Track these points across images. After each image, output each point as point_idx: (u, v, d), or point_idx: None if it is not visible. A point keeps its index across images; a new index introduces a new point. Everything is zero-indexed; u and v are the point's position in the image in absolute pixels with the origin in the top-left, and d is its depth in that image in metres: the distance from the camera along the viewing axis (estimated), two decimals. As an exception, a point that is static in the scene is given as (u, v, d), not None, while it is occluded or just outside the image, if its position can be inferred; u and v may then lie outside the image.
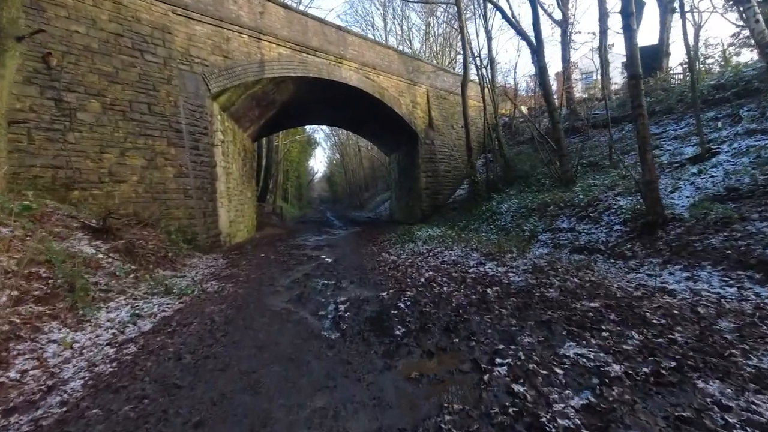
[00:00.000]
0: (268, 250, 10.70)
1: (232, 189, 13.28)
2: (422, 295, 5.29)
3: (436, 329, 3.97)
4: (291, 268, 7.90)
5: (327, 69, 14.23)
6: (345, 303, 5.07)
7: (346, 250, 10.29)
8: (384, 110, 17.37)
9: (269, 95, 13.86)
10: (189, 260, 8.51)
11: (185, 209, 9.75)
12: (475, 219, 12.59)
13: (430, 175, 18.98)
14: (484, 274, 6.32)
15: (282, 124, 19.68)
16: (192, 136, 10.12)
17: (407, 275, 6.61)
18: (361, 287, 6.04)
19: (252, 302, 5.24)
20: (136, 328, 4.13)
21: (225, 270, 7.72)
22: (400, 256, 8.57)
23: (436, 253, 8.47)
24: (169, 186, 9.50)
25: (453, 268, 7.00)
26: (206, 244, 10.22)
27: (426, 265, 7.33)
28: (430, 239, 10.11)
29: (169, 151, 9.55)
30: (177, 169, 9.66)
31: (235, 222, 13.49)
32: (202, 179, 10.37)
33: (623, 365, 2.91)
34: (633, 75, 6.27)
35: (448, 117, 20.37)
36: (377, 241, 11.63)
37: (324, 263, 8.39)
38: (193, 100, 10.24)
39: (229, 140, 13.20)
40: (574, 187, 10.25)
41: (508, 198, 12.55)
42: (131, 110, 8.97)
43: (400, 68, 17.64)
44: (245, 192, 15.78)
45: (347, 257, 9.06)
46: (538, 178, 13.49)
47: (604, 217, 7.88)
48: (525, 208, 10.70)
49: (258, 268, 7.90)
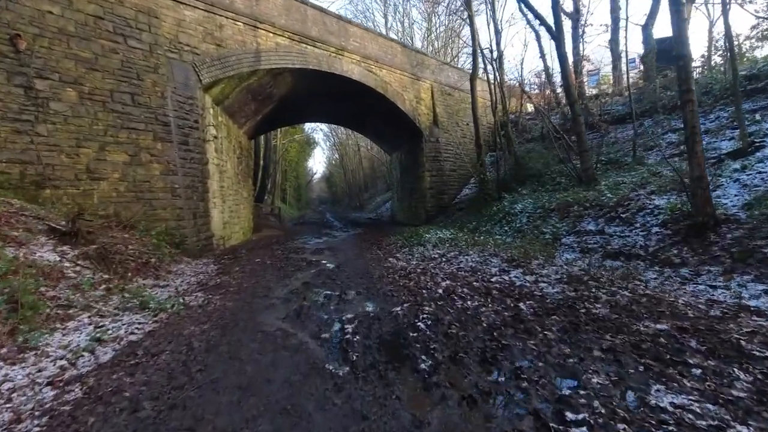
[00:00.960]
0: (264, 254, 9.86)
1: (227, 188, 12.45)
2: (443, 311, 4.46)
3: (470, 360, 3.14)
4: (289, 276, 7.06)
5: (327, 61, 13.40)
6: (352, 321, 4.23)
7: (348, 255, 9.45)
8: (387, 106, 16.54)
9: (266, 88, 13.02)
10: (175, 266, 7.66)
11: (173, 210, 8.91)
12: (486, 220, 11.76)
13: (434, 175, 18.15)
14: (510, 284, 5.49)
15: (280, 121, 18.83)
16: (181, 131, 9.28)
17: (421, 285, 5.77)
18: (369, 300, 5.20)
19: (242, 320, 4.39)
20: (92, 359, 3.28)
21: (215, 278, 6.87)
22: (409, 262, 7.73)
23: (450, 259, 7.64)
24: (155, 184, 8.66)
25: (472, 276, 6.17)
26: (196, 248, 9.37)
27: (441, 273, 6.49)
28: (441, 242, 9.28)
29: (156, 146, 8.71)
30: (164, 166, 8.81)
31: (230, 223, 12.65)
32: (192, 177, 9.52)
33: (750, 426, 2.08)
34: (681, 54, 5.47)
35: (453, 114, 19.56)
36: (382, 244, 10.79)
37: (325, 270, 7.56)
38: (182, 91, 9.40)
39: (223, 136, 12.37)
40: (597, 185, 9.43)
41: (521, 198, 11.73)
42: (112, 100, 8.12)
43: (403, 62, 16.82)
44: (241, 192, 14.93)
45: (351, 263, 8.22)
46: (552, 176, 12.68)
47: (638, 219, 7.05)
48: (542, 209, 9.87)
49: (252, 276, 7.06)
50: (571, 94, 9.49)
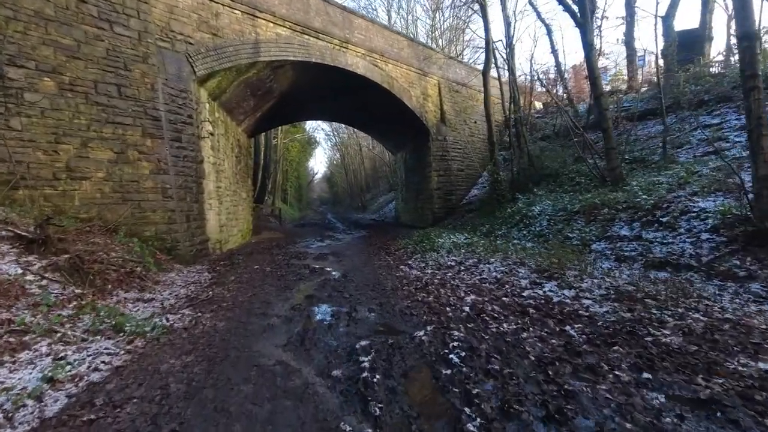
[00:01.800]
0: (263, 260, 9.12)
1: (224, 189, 11.71)
2: (476, 337, 3.70)
3: (529, 416, 2.39)
4: (290, 287, 6.31)
5: (331, 54, 12.66)
6: (368, 351, 3.47)
7: (355, 261, 8.70)
8: (392, 103, 15.79)
9: (266, 83, 12.28)
10: (165, 275, 6.91)
11: (163, 212, 8.16)
12: (500, 223, 11.00)
13: (442, 174, 17.39)
14: (547, 301, 4.73)
15: (280, 118, 18.08)
16: (173, 126, 8.54)
17: (443, 300, 5.02)
18: (384, 319, 4.45)
19: (234, 348, 3.64)
20: (36, 410, 2.53)
21: (207, 289, 6.12)
22: (424, 271, 6.98)
23: (470, 267, 6.88)
24: (144, 184, 7.91)
25: (500, 289, 5.41)
26: (189, 253, 8.63)
27: (463, 285, 5.73)
28: (456, 248, 8.53)
29: (144, 143, 7.97)
30: (154, 165, 8.07)
31: (227, 226, 11.91)
32: (185, 177, 8.78)
33: None
34: (745, 34, 4.71)
35: (461, 111, 18.81)
36: (390, 249, 10.04)
37: (330, 279, 6.80)
38: (174, 83, 8.66)
39: (220, 133, 11.63)
40: (626, 186, 8.66)
41: (538, 199, 10.97)
42: (96, 92, 7.38)
43: (410, 57, 16.07)
44: (239, 192, 14.19)
45: (358, 271, 7.47)
46: (569, 176, 11.91)
47: (681, 223, 6.29)
48: (564, 211, 9.11)
49: (249, 287, 6.31)
50: (598, 86, 8.72)
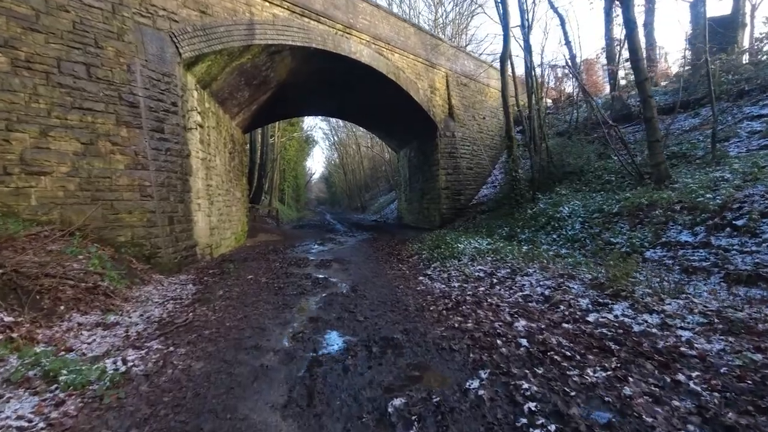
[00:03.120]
0: (258, 268, 7.99)
1: (215, 187, 10.56)
2: (557, 392, 2.59)
3: None
4: (289, 304, 5.19)
5: (333, 40, 11.54)
6: (407, 417, 2.36)
7: (363, 270, 7.58)
8: (398, 96, 14.68)
9: (261, 71, 11.15)
10: (139, 289, 5.78)
11: (141, 213, 7.02)
12: (522, 225, 9.90)
13: (450, 173, 16.30)
14: (626, 331, 3.62)
15: (278, 113, 16.92)
16: (154, 114, 7.40)
17: (486, 326, 3.91)
18: (417, 356, 3.34)
19: (210, 413, 2.52)
20: None
21: (188, 309, 4.99)
22: (450, 284, 5.86)
23: (503, 280, 5.77)
24: (118, 181, 6.77)
25: (554, 311, 4.31)
26: (173, 261, 7.50)
27: (504, 305, 4.62)
28: (480, 255, 7.42)
29: (119, 133, 6.83)
30: (130, 158, 6.93)
31: (219, 228, 10.77)
32: (168, 173, 7.64)
33: None
34: None
35: (469, 106, 17.74)
36: (402, 256, 8.92)
37: (338, 294, 5.68)
38: (156, 66, 7.52)
39: (211, 126, 10.49)
40: (673, 184, 7.59)
41: (564, 199, 9.88)
42: (60, 72, 6.24)
43: (417, 46, 14.98)
44: (233, 191, 13.05)
45: (370, 283, 6.35)
46: (596, 174, 10.84)
47: (764, 227, 5.21)
48: (600, 213, 8.03)
49: (239, 304, 5.19)
50: (641, 70, 7.60)
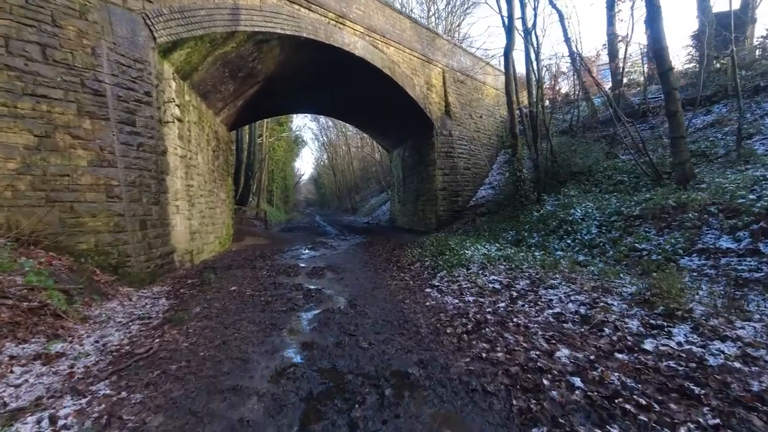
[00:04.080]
0: (243, 278, 7.16)
1: (197, 188, 9.67)
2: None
3: None
4: (278, 325, 4.39)
5: (325, 30, 10.76)
6: None
7: (361, 279, 6.80)
8: (393, 93, 13.96)
9: (248, 62, 10.30)
10: (101, 307, 4.91)
11: (107, 217, 6.14)
12: (528, 229, 9.23)
13: (447, 173, 15.62)
14: (700, 365, 2.92)
15: (266, 109, 16.02)
16: (123, 105, 6.52)
17: (519, 356, 3.18)
18: (443, 403, 2.59)
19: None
20: None
21: (155, 333, 4.15)
22: (463, 297, 5.12)
23: (524, 293, 5.05)
24: (80, 180, 5.89)
25: (598, 336, 3.59)
26: (145, 271, 6.62)
27: (535, 326, 3.90)
28: (490, 262, 6.70)
29: (81, 125, 5.94)
30: (94, 154, 6.05)
31: (201, 233, 9.88)
32: (140, 171, 6.77)
33: None
34: None
35: (466, 104, 17.11)
36: (402, 262, 8.17)
37: (334, 311, 4.90)
38: (126, 50, 6.64)
39: (192, 121, 9.61)
40: (699, 184, 6.99)
41: (574, 201, 9.24)
42: (7, 52, 5.34)
43: (413, 40, 14.27)
44: (217, 192, 12.15)
45: (370, 296, 5.57)
46: (606, 174, 10.26)
47: (820, 233, 4.60)
48: (618, 215, 7.39)
49: (219, 324, 4.37)
50: (665, 60, 6.92)
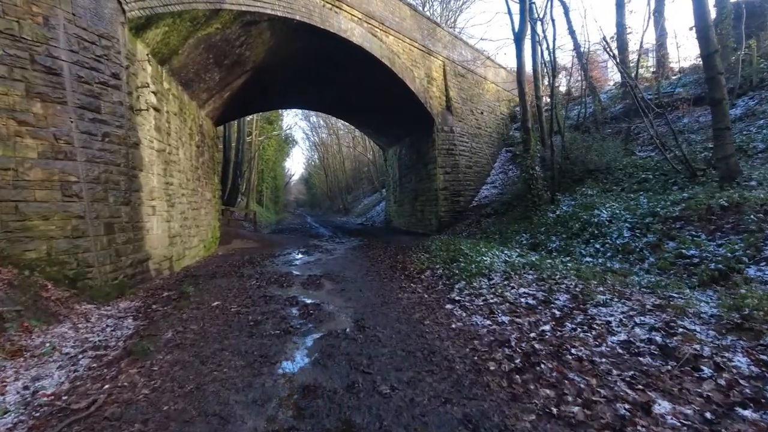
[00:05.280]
0: (228, 288, 6.19)
1: (177, 186, 8.66)
2: None
3: None
4: (269, 357, 3.45)
5: (320, 13, 9.82)
6: None
7: (366, 291, 5.88)
8: (392, 85, 13.05)
9: (234, 47, 9.30)
10: (46, 332, 3.92)
11: (64, 219, 5.13)
12: (545, 232, 8.41)
13: (449, 172, 14.76)
14: None
15: (255, 103, 14.95)
16: (85, 86, 5.51)
17: (604, 414, 2.32)
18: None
19: None
20: None
21: (107, 372, 3.18)
22: (494, 317, 4.23)
23: (569, 312, 4.19)
24: (28, 175, 4.88)
25: (697, 379, 2.73)
26: (111, 283, 5.61)
27: (605, 362, 3.03)
28: (514, 270, 5.83)
29: (30, 108, 4.93)
30: (47, 144, 5.04)
31: (183, 236, 8.86)
32: (106, 166, 5.76)
33: None
34: None
35: (467, 99, 16.29)
36: (409, 270, 7.27)
37: (338, 334, 3.98)
38: (88, 23, 5.64)
39: (172, 112, 8.59)
40: (747, 181, 6.23)
41: (597, 201, 8.44)
42: (-68, 16, 4.34)
43: (413, 29, 13.40)
44: (202, 192, 11.12)
45: (380, 314, 4.66)
46: (627, 171, 9.50)
47: None
48: (654, 217, 6.60)
49: (194, 357, 3.42)
50: (710, 41, 6.10)
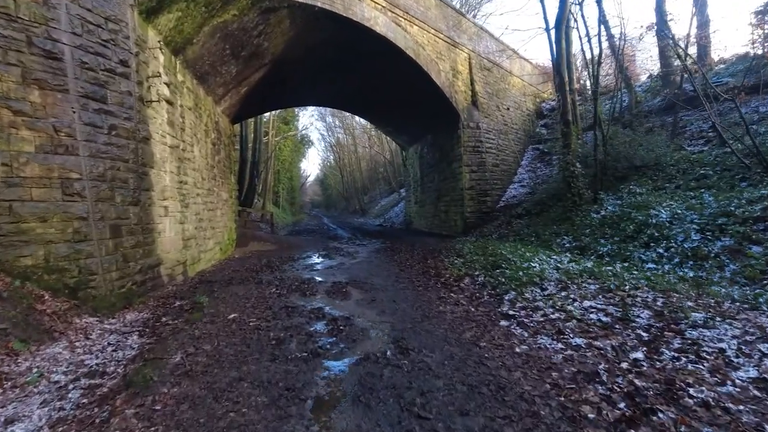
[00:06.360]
0: (245, 297, 5.56)
1: (192, 185, 8.13)
2: None
3: None
4: (296, 390, 2.77)
5: (343, 1, 9.19)
6: None
7: (400, 302, 5.17)
8: (416, 79, 12.35)
9: (252, 37, 8.73)
10: (35, 354, 3.34)
11: (64, 221, 4.58)
12: (590, 234, 7.56)
13: (475, 170, 13.96)
14: None
15: (272, 99, 14.37)
16: (89, 73, 4.97)
17: None
18: None
19: None
20: None
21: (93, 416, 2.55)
22: (566, 340, 3.46)
23: (662, 334, 3.38)
24: (23, 171, 4.34)
25: None
26: (118, 291, 5.05)
27: (746, 412, 2.25)
28: (570, 278, 5.05)
29: (26, 96, 4.40)
30: (45, 137, 4.50)
31: (198, 238, 8.33)
32: (113, 162, 5.21)
33: None
34: None
35: (493, 94, 15.45)
36: (443, 276, 6.53)
37: (377, 359, 3.27)
38: (93, 4, 5.09)
39: (187, 106, 8.06)
40: None
41: (652, 200, 7.55)
42: None
43: (438, 20, 12.67)
44: (218, 191, 10.60)
45: (422, 331, 3.94)
46: (680, 167, 8.57)
47: None
48: (729, 218, 5.72)
49: (205, 390, 2.76)
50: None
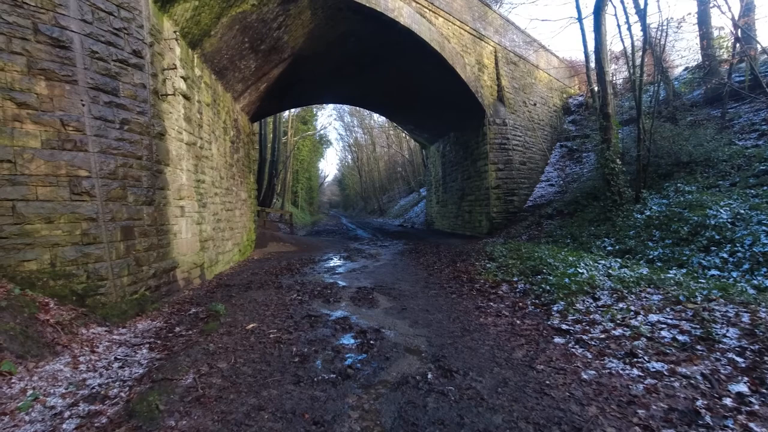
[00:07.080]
0: (265, 305, 5.16)
1: (210, 185, 7.81)
2: None
3: None
4: (323, 423, 2.31)
5: (366, -10, 8.75)
6: None
7: (432, 310, 4.66)
8: (440, 73, 11.81)
9: (272, 30, 8.36)
10: (32, 372, 2.98)
11: (72, 223, 4.25)
12: (635, 236, 6.86)
13: (501, 169, 13.30)
14: None
15: (291, 97, 14.03)
16: (99, 64, 4.64)
17: None
18: None
19: None
20: None
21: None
22: (643, 365, 2.86)
23: (761, 359, 2.78)
24: (28, 168, 4.02)
25: None
26: (130, 298, 4.71)
27: None
28: (626, 287, 4.44)
29: (32, 88, 4.08)
30: (52, 131, 4.18)
31: (216, 240, 8.01)
32: (125, 158, 4.88)
33: None
34: None
35: (520, 89, 14.75)
36: (477, 281, 5.98)
37: (418, 385, 2.77)
38: (105, -10, 4.78)
39: (205, 102, 7.76)
40: None
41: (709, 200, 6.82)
42: None
43: (463, 11, 12.09)
44: (237, 191, 10.31)
45: (465, 348, 3.43)
46: (735, 163, 7.78)
47: None
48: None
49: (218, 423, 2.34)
50: None
